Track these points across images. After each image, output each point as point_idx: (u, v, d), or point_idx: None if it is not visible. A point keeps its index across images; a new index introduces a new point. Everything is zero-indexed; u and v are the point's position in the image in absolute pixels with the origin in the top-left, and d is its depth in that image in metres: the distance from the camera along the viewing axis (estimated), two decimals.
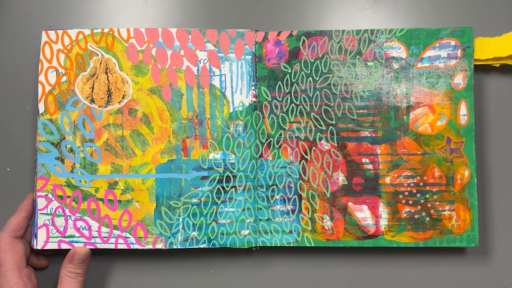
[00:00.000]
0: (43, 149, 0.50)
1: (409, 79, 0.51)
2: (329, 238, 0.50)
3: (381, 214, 0.50)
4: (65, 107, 0.51)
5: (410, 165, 0.50)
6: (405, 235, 0.50)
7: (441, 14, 0.55)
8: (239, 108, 0.51)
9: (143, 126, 0.51)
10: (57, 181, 0.50)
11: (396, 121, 0.51)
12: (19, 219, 0.49)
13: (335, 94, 0.51)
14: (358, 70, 0.51)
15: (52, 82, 0.51)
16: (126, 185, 0.50)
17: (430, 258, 0.53)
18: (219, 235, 0.50)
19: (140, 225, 0.50)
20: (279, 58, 0.51)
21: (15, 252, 0.48)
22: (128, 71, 0.51)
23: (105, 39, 0.51)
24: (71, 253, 0.49)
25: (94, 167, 0.50)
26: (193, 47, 0.51)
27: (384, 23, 0.55)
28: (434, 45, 0.51)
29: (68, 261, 0.49)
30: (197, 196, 0.50)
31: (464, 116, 0.50)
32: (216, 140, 0.51)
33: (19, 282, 0.47)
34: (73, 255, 0.49)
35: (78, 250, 0.49)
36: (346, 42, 0.51)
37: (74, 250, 0.49)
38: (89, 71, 0.51)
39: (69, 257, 0.49)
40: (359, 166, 0.51)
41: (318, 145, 0.51)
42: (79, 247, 0.49)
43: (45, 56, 0.51)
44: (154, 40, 0.51)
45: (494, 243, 0.53)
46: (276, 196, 0.51)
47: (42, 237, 0.50)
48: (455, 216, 0.50)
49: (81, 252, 0.49)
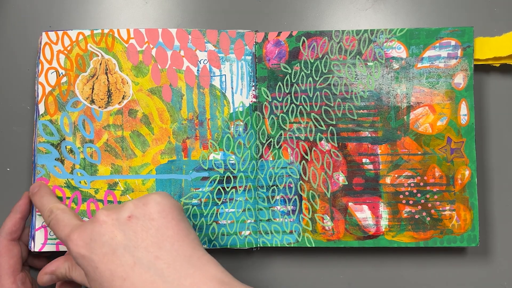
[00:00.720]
0: (43, 150, 0.50)
1: (409, 79, 0.51)
2: (330, 239, 0.50)
3: (382, 214, 0.50)
4: (65, 108, 0.51)
5: (411, 165, 0.50)
6: (405, 235, 0.50)
7: (441, 14, 0.55)
8: (239, 109, 0.51)
9: (143, 127, 0.51)
10: (56, 182, 0.50)
11: (396, 121, 0.51)
12: (15, 221, 0.48)
13: (335, 94, 0.51)
14: (358, 70, 0.51)
15: (52, 83, 0.51)
16: (126, 186, 0.50)
17: (431, 258, 0.53)
18: (220, 236, 0.50)
19: None
20: (279, 58, 0.51)
21: (10, 256, 0.47)
22: (128, 71, 0.51)
23: (105, 40, 0.51)
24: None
25: (94, 168, 0.50)
26: (193, 48, 0.51)
27: (384, 23, 0.55)
28: (434, 45, 0.51)
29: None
30: (198, 196, 0.50)
31: (465, 116, 0.50)
32: (216, 140, 0.51)
33: (12, 287, 0.46)
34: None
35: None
36: (346, 42, 0.51)
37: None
38: (89, 71, 0.51)
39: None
40: (359, 166, 0.51)
41: (319, 146, 0.51)
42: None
43: (45, 57, 0.51)
44: (154, 40, 0.51)
45: (494, 243, 0.53)
46: (276, 196, 0.50)
47: (40, 239, 0.50)
48: (455, 216, 0.50)
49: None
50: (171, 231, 0.39)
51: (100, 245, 0.39)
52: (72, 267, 0.44)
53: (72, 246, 0.40)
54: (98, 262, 0.38)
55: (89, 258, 0.39)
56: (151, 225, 0.39)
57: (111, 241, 0.38)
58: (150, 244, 0.38)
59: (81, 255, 0.39)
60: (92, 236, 0.39)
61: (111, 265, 0.38)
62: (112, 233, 0.39)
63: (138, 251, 0.38)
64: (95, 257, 0.38)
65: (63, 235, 0.41)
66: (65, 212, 0.44)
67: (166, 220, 0.40)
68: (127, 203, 0.41)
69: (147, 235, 0.39)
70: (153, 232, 0.39)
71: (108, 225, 0.39)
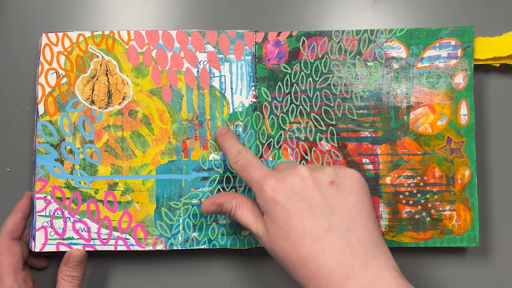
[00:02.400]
0: (43, 151, 0.50)
1: (409, 79, 0.51)
2: None
3: (382, 214, 0.50)
4: (65, 109, 0.51)
5: (411, 165, 0.50)
6: (405, 235, 0.50)
7: (441, 14, 0.55)
8: (239, 109, 0.51)
9: (143, 127, 0.51)
10: (56, 183, 0.50)
11: (396, 121, 0.51)
12: (16, 220, 0.49)
13: (335, 95, 0.51)
14: (358, 70, 0.51)
15: (52, 83, 0.51)
16: (126, 186, 0.50)
17: (431, 258, 0.53)
18: (220, 236, 0.50)
19: (140, 226, 0.50)
20: (279, 58, 0.51)
21: (11, 255, 0.47)
22: (129, 72, 0.51)
23: (106, 41, 0.51)
24: (67, 255, 0.48)
25: (94, 169, 0.50)
26: (193, 49, 0.51)
27: (384, 23, 0.55)
28: (434, 45, 0.51)
29: (64, 263, 0.48)
30: (198, 196, 0.50)
31: (465, 116, 0.50)
32: (216, 141, 0.51)
33: (14, 285, 0.47)
34: (68, 257, 0.48)
35: (73, 252, 0.48)
36: (346, 42, 0.51)
37: (69, 252, 0.48)
38: (89, 72, 0.51)
39: (65, 259, 0.48)
40: (359, 167, 0.51)
41: (318, 146, 0.51)
42: (74, 249, 0.49)
43: (45, 58, 0.51)
44: (154, 42, 0.51)
45: (494, 243, 0.53)
46: None
47: (40, 239, 0.50)
48: (455, 216, 0.50)
49: (76, 253, 0.48)
50: (366, 211, 0.39)
51: (300, 199, 0.39)
52: (239, 206, 0.44)
53: (268, 189, 0.40)
54: (293, 213, 0.39)
55: (285, 207, 0.39)
56: (349, 197, 0.39)
57: (310, 198, 0.39)
58: (346, 215, 0.39)
59: (275, 201, 0.39)
60: (292, 187, 0.39)
61: (306, 222, 0.38)
62: (313, 191, 0.39)
63: (334, 217, 0.38)
64: (291, 208, 0.39)
65: (257, 176, 0.41)
66: (255, 157, 0.44)
67: (363, 198, 0.40)
68: (327, 167, 0.41)
69: (345, 206, 0.39)
70: (350, 205, 0.39)
71: (310, 183, 0.39)
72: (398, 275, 0.37)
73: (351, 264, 0.37)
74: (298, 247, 0.38)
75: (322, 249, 0.37)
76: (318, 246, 0.37)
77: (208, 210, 0.45)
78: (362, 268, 0.37)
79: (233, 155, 0.45)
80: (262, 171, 0.41)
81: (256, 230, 0.42)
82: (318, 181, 0.40)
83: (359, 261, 0.37)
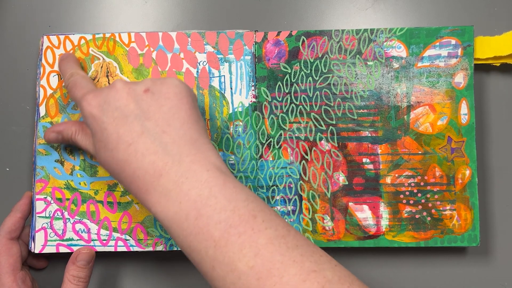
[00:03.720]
0: (43, 152, 0.50)
1: (410, 79, 0.50)
2: (330, 239, 0.50)
3: (382, 214, 0.50)
4: (66, 110, 0.51)
5: (411, 164, 0.50)
6: (406, 235, 0.50)
7: (441, 13, 0.54)
8: (238, 109, 0.51)
9: None
10: (56, 184, 0.50)
11: (396, 120, 0.50)
12: (15, 220, 0.49)
13: (335, 94, 0.51)
14: (358, 70, 0.51)
15: (54, 86, 0.51)
16: None
17: (431, 258, 0.53)
18: None
19: (140, 227, 0.50)
20: (279, 58, 0.51)
21: (10, 255, 0.47)
22: (129, 74, 0.51)
23: (107, 44, 0.51)
24: (75, 254, 0.48)
25: (93, 169, 0.50)
26: (193, 50, 0.51)
27: (384, 22, 0.55)
28: (434, 44, 0.50)
29: (71, 262, 0.48)
30: None
31: (465, 115, 0.50)
32: (216, 141, 0.51)
33: (13, 285, 0.46)
34: (77, 256, 0.48)
35: (82, 251, 0.48)
36: (346, 42, 0.51)
37: (78, 251, 0.48)
38: (90, 74, 0.51)
39: (73, 258, 0.48)
40: (359, 166, 0.50)
41: (319, 145, 0.51)
42: (83, 248, 0.49)
43: (47, 61, 0.51)
44: (154, 44, 0.51)
45: (495, 242, 0.53)
46: (276, 196, 0.50)
47: (40, 240, 0.50)
48: (456, 215, 0.50)
49: (85, 252, 0.48)
50: (183, 113, 0.41)
51: (113, 109, 0.40)
52: (78, 132, 0.46)
53: (85, 105, 0.41)
54: (107, 124, 0.40)
55: (100, 119, 0.40)
56: (165, 102, 0.41)
57: (124, 107, 0.40)
58: (160, 119, 0.40)
59: (92, 115, 0.41)
60: (106, 99, 0.41)
61: (120, 129, 0.40)
62: (127, 100, 0.40)
63: (147, 122, 0.40)
64: (106, 119, 0.40)
65: (79, 96, 0.43)
66: (84, 78, 0.46)
67: (181, 102, 0.41)
68: (146, 79, 0.42)
69: (159, 110, 0.40)
70: (166, 109, 0.40)
71: (124, 93, 0.41)
72: (214, 168, 0.38)
73: (164, 163, 0.38)
74: (115, 154, 0.40)
75: (136, 152, 0.39)
76: (132, 149, 0.39)
77: (50, 138, 0.47)
78: (175, 165, 0.38)
79: (66, 78, 0.47)
80: (84, 90, 0.44)
81: (92, 151, 0.43)
82: (133, 91, 0.41)
83: (172, 159, 0.38)
